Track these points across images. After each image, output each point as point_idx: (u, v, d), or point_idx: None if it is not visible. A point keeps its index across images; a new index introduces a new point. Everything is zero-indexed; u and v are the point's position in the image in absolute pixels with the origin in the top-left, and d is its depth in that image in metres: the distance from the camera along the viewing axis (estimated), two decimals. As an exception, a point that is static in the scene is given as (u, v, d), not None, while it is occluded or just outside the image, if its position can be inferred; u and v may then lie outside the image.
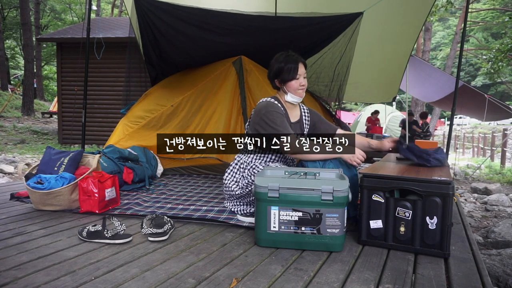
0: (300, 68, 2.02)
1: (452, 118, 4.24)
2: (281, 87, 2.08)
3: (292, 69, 2.00)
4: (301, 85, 2.04)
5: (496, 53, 11.23)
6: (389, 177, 1.60)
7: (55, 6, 22.16)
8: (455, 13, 19.18)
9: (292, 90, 2.04)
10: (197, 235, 1.76)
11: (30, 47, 14.13)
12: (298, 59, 2.03)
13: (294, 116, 2.14)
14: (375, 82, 4.92)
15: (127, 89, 3.71)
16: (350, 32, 3.29)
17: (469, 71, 29.77)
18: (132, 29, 3.33)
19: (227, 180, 2.09)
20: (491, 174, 8.93)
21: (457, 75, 3.84)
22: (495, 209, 5.13)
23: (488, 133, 15.00)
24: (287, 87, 2.05)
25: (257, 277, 1.30)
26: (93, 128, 9.00)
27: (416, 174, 1.65)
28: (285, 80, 2.03)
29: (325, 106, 3.75)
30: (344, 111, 22.69)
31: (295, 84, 2.02)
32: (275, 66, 2.04)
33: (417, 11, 3.67)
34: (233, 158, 2.16)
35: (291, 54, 2.04)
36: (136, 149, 3.18)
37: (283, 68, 2.01)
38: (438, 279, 1.32)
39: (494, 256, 3.00)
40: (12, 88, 16.98)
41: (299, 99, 2.08)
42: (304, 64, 2.06)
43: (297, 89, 2.04)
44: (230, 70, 3.51)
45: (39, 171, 2.25)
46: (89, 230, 1.64)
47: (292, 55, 2.04)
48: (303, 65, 2.06)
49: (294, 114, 2.14)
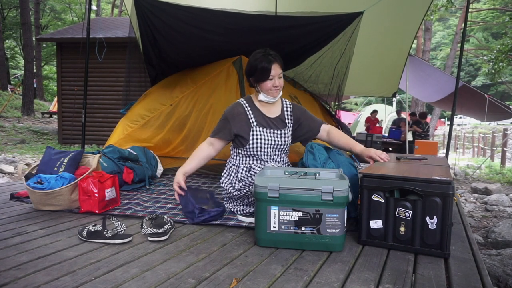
0: (273, 69, 1.97)
1: (452, 118, 4.25)
2: (255, 86, 2.08)
3: (265, 69, 1.96)
4: (274, 85, 2.00)
5: (497, 53, 11.24)
6: (389, 177, 1.60)
7: (55, 6, 22.18)
8: (455, 13, 19.19)
9: (264, 90, 2.03)
10: (197, 235, 1.76)
11: (30, 47, 14.14)
12: (273, 60, 1.97)
13: (273, 112, 2.12)
14: (374, 75, 4.93)
15: (127, 89, 3.72)
16: (350, 32, 3.29)
17: (469, 71, 29.78)
18: (132, 29, 3.33)
19: (223, 184, 2.10)
20: (491, 174, 8.93)
21: (457, 75, 3.84)
22: (495, 209, 5.14)
23: (488, 133, 15.01)
24: (260, 87, 2.04)
25: (257, 277, 1.30)
26: (93, 128, 9.01)
27: (416, 174, 1.65)
28: (258, 80, 2.02)
29: (325, 106, 3.76)
30: (344, 111, 22.69)
31: (268, 84, 2.00)
32: (249, 65, 2.03)
33: (416, 7, 3.68)
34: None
35: (268, 53, 1.99)
36: (136, 149, 3.17)
37: (256, 68, 1.98)
38: (438, 279, 1.32)
39: (494, 256, 3.00)
40: (12, 88, 16.99)
41: (272, 99, 2.05)
42: (280, 64, 2.00)
43: (269, 90, 2.01)
44: (230, 70, 3.51)
45: (39, 171, 2.25)
46: (89, 230, 1.64)
47: (268, 54, 1.99)
48: (279, 65, 2.00)
49: (272, 110, 2.12)
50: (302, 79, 3.63)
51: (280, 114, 2.13)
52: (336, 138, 2.17)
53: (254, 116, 2.06)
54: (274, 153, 2.07)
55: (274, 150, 2.07)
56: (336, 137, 2.18)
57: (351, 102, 29.23)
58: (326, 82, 3.55)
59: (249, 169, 2.01)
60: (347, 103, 29.54)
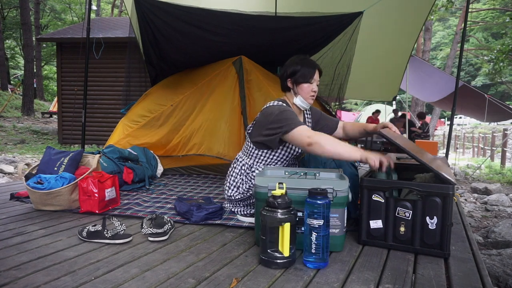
0: (316, 74, 1.99)
1: (452, 118, 4.25)
2: (292, 88, 2.02)
3: (308, 72, 1.97)
4: (313, 90, 1.99)
5: (497, 54, 11.24)
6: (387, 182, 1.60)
7: (55, 6, 22.17)
8: (455, 13, 19.19)
9: (303, 94, 2.00)
10: (197, 235, 1.76)
11: (30, 47, 14.14)
12: (316, 65, 2.01)
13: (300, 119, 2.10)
14: (375, 80, 4.94)
15: (127, 89, 3.72)
16: (350, 32, 3.29)
17: (469, 71, 29.78)
18: (132, 29, 3.33)
19: (228, 185, 2.07)
20: (491, 174, 8.93)
21: (457, 75, 3.84)
22: (495, 209, 5.14)
23: (488, 133, 15.01)
24: (299, 89, 2.00)
25: (257, 277, 1.30)
26: (93, 128, 9.00)
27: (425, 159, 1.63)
28: (299, 82, 1.98)
29: (325, 106, 3.75)
30: (344, 111, 22.69)
31: (308, 88, 1.98)
32: (291, 67, 1.99)
33: (417, 10, 3.68)
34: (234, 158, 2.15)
35: (309, 58, 2.03)
36: (136, 149, 3.18)
37: (299, 70, 1.97)
38: (438, 279, 1.32)
39: (494, 256, 3.00)
40: (12, 88, 16.99)
41: (307, 105, 2.03)
42: (320, 71, 2.03)
43: (308, 93, 1.98)
44: (230, 70, 3.51)
45: (39, 171, 2.25)
46: (89, 230, 1.64)
47: (310, 59, 2.02)
48: (319, 72, 2.02)
49: (299, 117, 2.10)
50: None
51: (303, 121, 2.13)
52: (351, 129, 2.19)
53: None
54: (292, 162, 2.08)
55: (294, 159, 2.07)
56: (350, 128, 2.20)
57: (351, 102, 29.22)
58: (326, 82, 3.54)
59: (255, 171, 2.00)
60: (347, 103, 29.53)
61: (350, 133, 2.20)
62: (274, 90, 3.35)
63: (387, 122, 2.00)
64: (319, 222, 1.36)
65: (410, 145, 1.78)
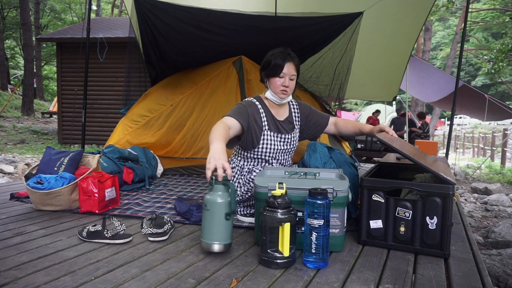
0: (287, 67, 1.90)
1: (452, 118, 4.25)
2: (264, 82, 2.01)
3: (278, 65, 1.89)
4: (283, 85, 1.92)
5: (497, 53, 11.25)
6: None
7: (55, 6, 22.17)
8: (455, 13, 19.19)
9: (273, 88, 1.95)
10: (197, 235, 1.76)
11: (30, 47, 14.15)
12: (290, 59, 1.91)
13: (281, 114, 2.08)
14: (375, 80, 4.93)
15: (127, 89, 3.72)
16: (350, 32, 3.29)
17: (469, 71, 29.78)
18: (132, 29, 3.33)
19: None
20: (491, 174, 8.93)
21: (457, 75, 3.85)
22: (495, 209, 5.14)
23: (488, 133, 15.01)
24: (269, 83, 1.97)
25: (257, 277, 1.30)
26: (93, 128, 9.01)
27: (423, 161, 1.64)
28: (269, 75, 1.95)
29: (325, 106, 3.75)
30: (344, 111, 22.68)
31: (277, 81, 1.92)
32: (264, 60, 1.97)
33: (417, 11, 3.67)
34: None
35: (287, 52, 1.94)
36: (136, 149, 3.18)
37: (270, 62, 1.92)
38: (438, 279, 1.32)
39: (494, 256, 3.01)
40: (12, 88, 16.99)
41: (278, 100, 1.98)
42: (295, 65, 1.94)
43: (278, 88, 1.93)
44: (230, 70, 3.51)
45: (39, 171, 2.25)
46: (89, 230, 1.64)
47: (286, 52, 1.94)
48: (294, 66, 1.93)
49: (281, 112, 2.08)
50: (303, 80, 3.63)
51: (288, 115, 2.11)
52: (344, 126, 2.16)
53: (266, 118, 2.01)
54: (281, 157, 2.08)
55: (282, 154, 2.07)
56: (343, 125, 2.17)
57: (351, 102, 29.23)
58: (326, 83, 3.55)
59: (252, 172, 2.00)
60: (347, 103, 29.52)
61: (343, 130, 2.18)
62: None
63: (383, 126, 1.97)
64: (319, 222, 1.36)
65: (408, 148, 1.78)
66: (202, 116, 3.48)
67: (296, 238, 1.43)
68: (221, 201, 1.45)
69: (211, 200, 1.45)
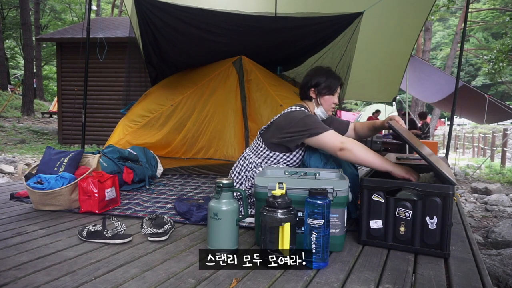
0: (339, 88, 2.06)
1: (452, 118, 4.26)
2: (315, 98, 2.05)
3: (333, 85, 2.02)
4: (334, 102, 2.05)
5: (497, 53, 11.25)
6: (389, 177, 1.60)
7: (55, 6, 22.16)
8: (455, 13, 19.19)
9: (325, 105, 2.05)
10: (197, 235, 1.76)
11: (30, 47, 14.14)
12: (340, 78, 2.07)
13: None
14: (375, 81, 4.94)
15: (127, 89, 3.72)
16: (350, 32, 3.29)
17: (469, 71, 29.78)
18: (132, 29, 3.33)
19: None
20: (491, 174, 8.93)
21: (457, 75, 3.85)
22: (495, 209, 5.14)
23: (488, 133, 15.01)
24: (322, 100, 2.04)
25: (257, 277, 1.30)
26: (93, 128, 9.00)
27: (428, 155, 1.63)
28: (323, 93, 2.03)
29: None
30: (344, 111, 22.67)
31: (330, 99, 2.04)
32: (316, 77, 2.03)
33: (417, 11, 3.68)
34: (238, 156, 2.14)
35: (333, 71, 2.08)
36: (136, 149, 3.18)
37: (324, 81, 2.01)
38: (438, 279, 1.32)
39: (494, 256, 3.01)
40: (12, 88, 16.98)
41: (326, 116, 2.10)
42: (342, 85, 2.10)
43: (330, 105, 2.05)
44: (230, 70, 3.51)
45: (39, 171, 2.25)
46: (89, 230, 1.64)
47: (334, 71, 2.08)
48: (341, 85, 2.09)
49: None
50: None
51: None
52: (361, 128, 2.23)
53: None
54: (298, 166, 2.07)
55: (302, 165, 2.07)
56: (360, 128, 2.23)
57: (351, 102, 29.21)
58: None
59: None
60: (347, 103, 29.50)
61: (360, 132, 2.24)
62: (274, 90, 3.35)
63: (394, 115, 2.04)
64: (319, 222, 1.36)
65: (415, 141, 1.79)
66: (202, 116, 3.48)
67: (296, 238, 1.43)
68: (233, 210, 1.47)
69: (221, 209, 1.46)
